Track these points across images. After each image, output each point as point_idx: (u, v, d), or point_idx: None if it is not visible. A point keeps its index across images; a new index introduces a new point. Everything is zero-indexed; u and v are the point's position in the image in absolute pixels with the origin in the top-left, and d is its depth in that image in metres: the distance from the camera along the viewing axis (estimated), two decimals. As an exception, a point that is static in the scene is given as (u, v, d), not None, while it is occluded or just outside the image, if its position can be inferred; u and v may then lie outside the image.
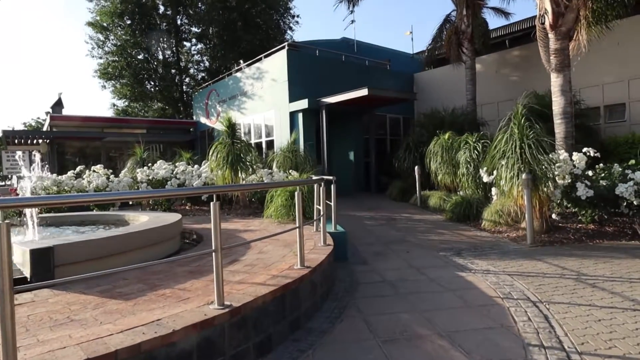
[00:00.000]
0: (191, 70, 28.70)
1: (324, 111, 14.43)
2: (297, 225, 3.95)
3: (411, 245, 7.06)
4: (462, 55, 15.21)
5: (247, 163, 9.62)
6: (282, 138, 14.71)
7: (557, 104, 9.43)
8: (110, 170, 10.84)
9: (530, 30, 16.52)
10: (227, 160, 9.16)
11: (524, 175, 6.78)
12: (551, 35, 9.45)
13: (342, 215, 10.48)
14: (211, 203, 2.83)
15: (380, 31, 77.26)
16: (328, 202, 6.64)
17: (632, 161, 8.10)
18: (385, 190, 14.52)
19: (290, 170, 9.80)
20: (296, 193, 3.97)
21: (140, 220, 6.55)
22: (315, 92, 14.58)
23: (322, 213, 5.25)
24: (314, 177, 6.86)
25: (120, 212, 6.88)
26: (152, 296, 3.03)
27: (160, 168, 10.75)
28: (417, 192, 11.88)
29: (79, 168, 10.45)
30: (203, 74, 27.62)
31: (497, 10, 15.82)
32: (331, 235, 5.84)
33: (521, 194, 7.10)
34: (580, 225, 7.64)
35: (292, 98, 14.98)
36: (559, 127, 9.34)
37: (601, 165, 7.98)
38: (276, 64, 15.93)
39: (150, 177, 10.55)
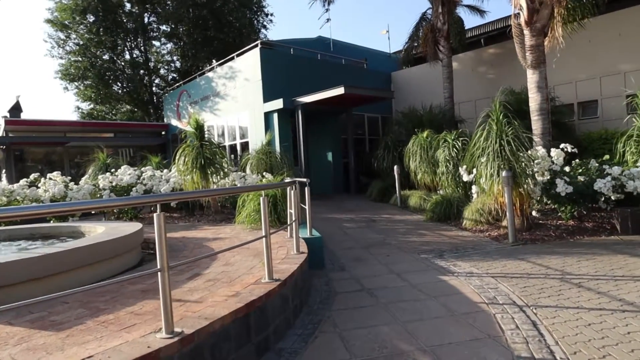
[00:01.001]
0: (162, 71, 27.87)
1: (299, 111, 14.07)
2: (264, 234, 3.58)
3: (392, 248, 6.77)
4: (439, 53, 15.07)
5: (218, 166, 9.18)
6: (257, 140, 14.27)
7: (534, 100, 9.31)
8: (69, 178, 10.21)
9: (505, 29, 16.52)
10: (196, 164, 8.70)
11: (504, 173, 6.57)
12: (526, 32, 9.33)
13: (321, 218, 10.17)
14: (154, 215, 2.45)
15: (356, 30, 77.32)
16: (303, 205, 6.30)
17: (607, 156, 8.04)
18: (364, 191, 14.25)
19: (264, 173, 9.40)
20: (261, 199, 3.60)
21: (97, 231, 6.08)
22: (291, 91, 14.22)
23: (294, 218, 4.89)
24: (287, 180, 6.50)
25: (76, 224, 6.37)
26: (91, 324, 2.61)
27: (125, 174, 10.20)
28: (397, 192, 11.64)
29: (32, 176, 9.77)
30: (174, 75, 26.78)
31: (472, 8, 15.76)
32: (306, 241, 5.49)
33: (502, 191, 6.90)
34: (560, 221, 7.49)
35: (267, 98, 14.57)
36: (536, 124, 9.22)
37: (577, 161, 7.86)
38: (249, 63, 15.50)
39: (114, 184, 9.99)
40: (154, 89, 27.14)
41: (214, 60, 19.12)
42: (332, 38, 21.49)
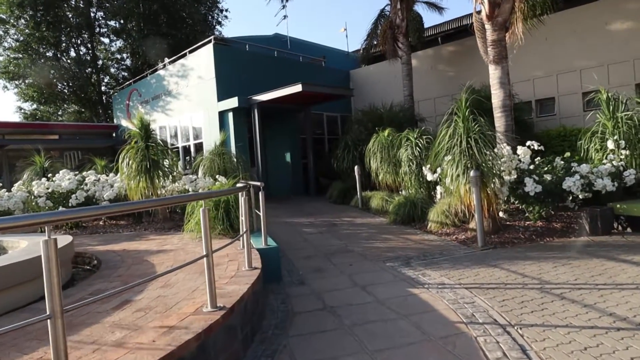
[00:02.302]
0: (112, 70, 26.23)
1: (255, 110, 13.39)
2: (205, 252, 2.95)
3: (355, 256, 6.26)
4: (398, 50, 14.80)
5: (167, 169, 8.39)
6: (211, 140, 13.46)
7: (497, 96, 9.09)
8: (0, 184, 9.10)
9: (462, 29, 16.57)
10: (141, 167, 7.88)
11: (472, 173, 6.21)
12: (488, 26, 9.09)
13: (279, 222, 9.55)
14: (41, 240, 1.78)
15: (314, 29, 76.98)
16: (258, 212, 5.68)
17: (568, 154, 7.90)
18: (325, 193, 13.74)
19: (217, 176, 8.67)
20: (201, 210, 2.97)
21: (21, 246, 5.24)
22: (247, 90, 13.51)
23: (245, 229, 4.27)
24: (239, 185, 5.86)
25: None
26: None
27: (63, 179, 9.20)
28: (358, 194, 11.19)
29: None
30: (125, 74, 25.22)
31: (431, 5, 15.60)
32: (261, 253, 4.89)
33: (469, 192, 6.55)
34: (528, 222, 7.24)
35: (221, 96, 13.78)
36: (499, 121, 9.00)
37: (538, 159, 7.65)
38: (202, 60, 14.63)
39: (51, 190, 8.98)
40: (103, 88, 25.48)
41: (166, 58, 18.03)
42: (289, 36, 20.93)
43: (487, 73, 9.25)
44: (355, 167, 11.25)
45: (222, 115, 13.90)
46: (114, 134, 20.91)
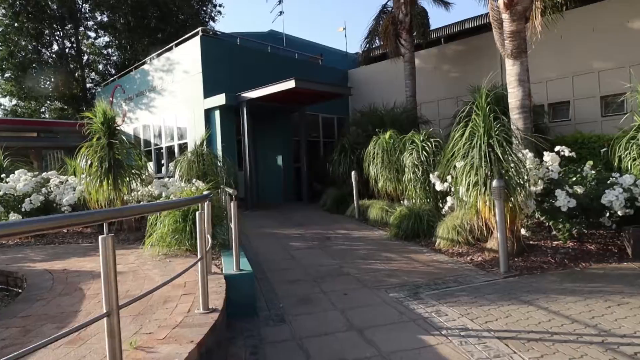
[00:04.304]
0: (100, 67, 24.98)
1: (245, 108, 12.26)
2: (105, 310, 1.81)
3: (350, 280, 5.13)
4: (401, 48, 13.72)
5: (135, 172, 7.24)
6: (196, 140, 12.31)
7: (514, 95, 8.03)
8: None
9: (467, 31, 15.55)
10: (102, 169, 6.72)
11: (494, 182, 5.09)
12: (505, 16, 8.03)
13: (264, 234, 8.41)
14: None
15: (311, 28, 75.98)
16: (242, 222, 4.55)
17: (590, 162, 6.84)
18: (318, 199, 12.59)
19: (194, 180, 7.52)
20: (100, 239, 1.83)
21: None
22: (237, 87, 12.36)
23: (200, 255, 3.12)
24: (205, 192, 4.73)
25: None
26: None
27: (19, 180, 8.03)
28: (355, 202, 10.06)
29: None
30: (112, 70, 23.95)
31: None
32: (229, 281, 3.76)
33: (488, 205, 5.44)
34: (555, 242, 6.14)
35: (208, 93, 12.64)
36: (517, 123, 7.93)
37: (562, 168, 6.53)
38: (189, 54, 13.50)
39: (2, 193, 7.81)
40: (88, 85, 24.24)
41: (153, 55, 16.86)
42: (285, 33, 19.87)
43: (496, 74, 8.18)
44: (352, 173, 10.13)
45: (209, 113, 12.76)
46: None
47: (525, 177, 5.79)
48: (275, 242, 7.61)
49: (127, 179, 6.96)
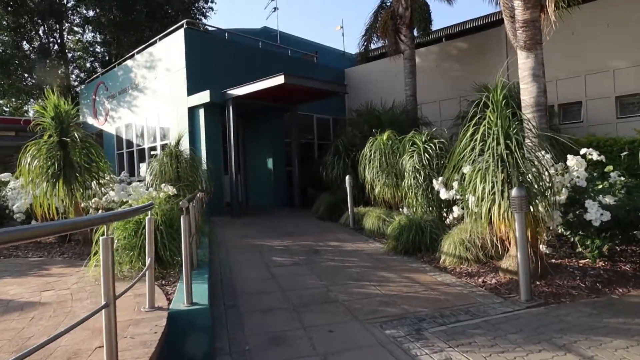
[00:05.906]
0: (87, 64, 23.96)
1: (231, 106, 11.31)
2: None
3: (338, 311, 4.18)
4: (401, 44, 12.82)
5: (94, 174, 6.28)
6: (180, 141, 11.36)
7: (528, 92, 7.14)
8: None
9: (471, 30, 14.71)
10: (52, 171, 5.77)
11: (514, 191, 4.17)
12: (518, 3, 7.15)
13: (245, 246, 7.46)
14: None
15: (308, 29, 74.99)
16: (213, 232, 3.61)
17: (610, 167, 5.94)
18: (311, 205, 11.63)
19: (163, 185, 6.56)
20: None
21: None
22: (224, 84, 11.41)
23: (104, 303, 2.16)
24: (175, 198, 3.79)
25: None
26: None
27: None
28: (349, 210, 9.12)
29: None
30: (100, 69, 22.92)
31: (439, -8, 13.62)
32: (175, 320, 2.82)
33: (505, 218, 4.52)
34: (582, 260, 5.21)
35: (192, 90, 11.70)
36: (532, 123, 7.00)
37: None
38: (172, 48, 12.57)
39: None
40: (73, 82, 23.21)
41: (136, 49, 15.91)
42: (279, 30, 18.99)
43: (502, 72, 7.26)
44: (347, 177, 9.20)
45: (192, 112, 11.82)
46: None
47: (547, 184, 4.87)
48: (256, 257, 6.66)
49: (81, 183, 5.99)
